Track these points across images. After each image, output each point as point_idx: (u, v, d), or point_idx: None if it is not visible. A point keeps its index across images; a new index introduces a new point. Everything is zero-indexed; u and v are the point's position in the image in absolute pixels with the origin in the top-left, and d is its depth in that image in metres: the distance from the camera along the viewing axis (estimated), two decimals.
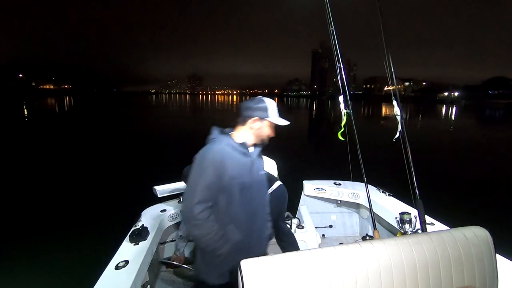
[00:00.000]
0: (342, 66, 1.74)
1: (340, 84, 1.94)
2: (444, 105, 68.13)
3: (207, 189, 1.26)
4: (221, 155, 1.28)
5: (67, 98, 75.99)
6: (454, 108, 55.91)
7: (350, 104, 1.84)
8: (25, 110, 32.04)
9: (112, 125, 20.49)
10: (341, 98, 1.94)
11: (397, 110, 1.54)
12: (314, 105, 63.96)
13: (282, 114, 1.43)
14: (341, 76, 1.71)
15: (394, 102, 1.56)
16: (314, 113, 38.76)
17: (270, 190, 2.11)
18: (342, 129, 1.73)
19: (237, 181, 1.30)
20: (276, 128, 1.45)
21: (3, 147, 11.06)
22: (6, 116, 24.04)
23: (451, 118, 31.76)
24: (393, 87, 1.66)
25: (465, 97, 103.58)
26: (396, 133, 1.54)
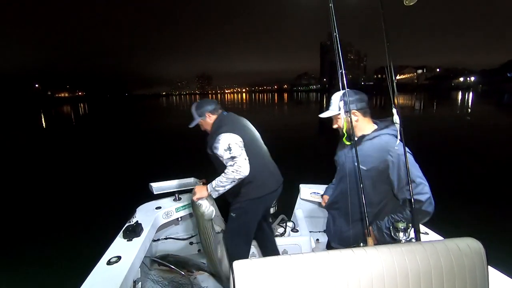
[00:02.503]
0: (344, 72, 1.74)
1: (341, 90, 1.94)
2: (460, 92, 65.69)
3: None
4: None
5: (81, 105, 78.03)
6: (471, 94, 53.75)
7: (350, 110, 1.85)
8: (43, 119, 33.16)
9: (116, 125, 21.00)
10: (341, 104, 1.94)
11: (396, 119, 1.53)
12: (324, 99, 62.96)
13: (289, 110, 1.52)
14: (343, 83, 1.70)
15: (394, 110, 1.55)
16: (320, 108, 38.14)
17: None
18: (345, 135, 1.73)
19: (338, 158, 1.81)
20: (276, 126, 1.61)
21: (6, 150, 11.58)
22: (26, 124, 25.07)
23: (466, 105, 30.44)
24: (395, 74, 1.66)
25: (482, 82, 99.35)
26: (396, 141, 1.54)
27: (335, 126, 1.70)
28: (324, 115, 1.70)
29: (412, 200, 1.38)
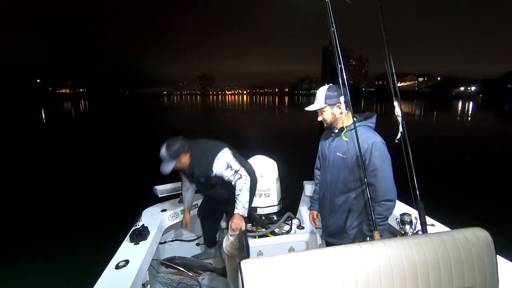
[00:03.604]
0: (343, 67, 1.74)
1: (341, 86, 1.94)
2: (460, 101, 65.87)
3: (318, 157, 2.02)
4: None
5: (82, 102, 78.07)
6: (471, 103, 53.93)
7: (351, 106, 1.85)
8: (43, 114, 33.13)
9: (118, 126, 20.98)
10: (342, 99, 1.94)
11: (398, 111, 1.55)
12: None
13: (291, 112, 1.51)
14: (342, 79, 1.70)
15: (395, 103, 1.56)
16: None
17: None
18: (345, 130, 1.74)
19: (321, 152, 1.93)
20: (279, 126, 1.62)
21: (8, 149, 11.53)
22: (26, 119, 25.03)
23: (467, 114, 30.63)
24: (396, 79, 1.68)
25: (483, 91, 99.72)
26: (397, 134, 1.54)
27: (319, 119, 1.79)
28: (310, 108, 1.78)
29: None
